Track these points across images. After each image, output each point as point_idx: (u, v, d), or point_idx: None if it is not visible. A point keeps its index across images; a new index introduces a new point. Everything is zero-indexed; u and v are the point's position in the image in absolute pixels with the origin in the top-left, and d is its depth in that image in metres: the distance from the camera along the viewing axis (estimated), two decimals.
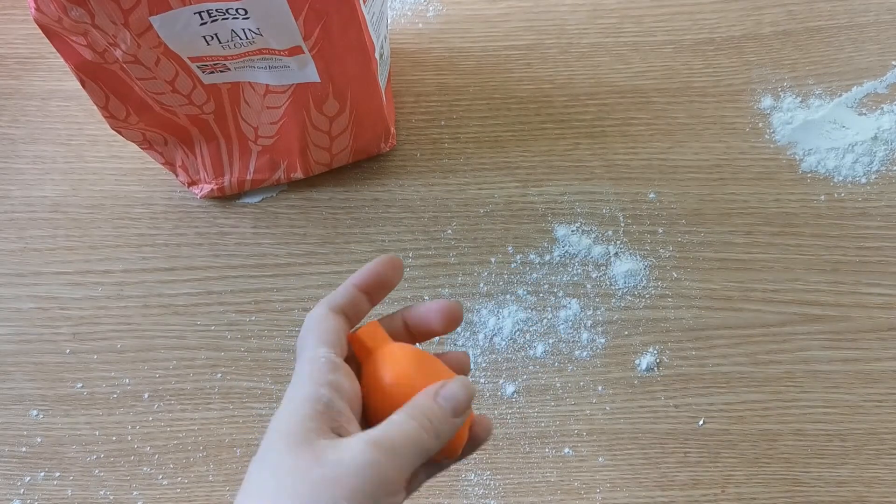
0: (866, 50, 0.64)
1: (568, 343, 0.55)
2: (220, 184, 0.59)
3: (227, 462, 0.53)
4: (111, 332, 0.57)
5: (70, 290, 0.58)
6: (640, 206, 0.59)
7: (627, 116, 0.62)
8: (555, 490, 0.52)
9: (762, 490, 0.51)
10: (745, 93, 0.63)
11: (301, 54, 0.49)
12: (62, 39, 0.47)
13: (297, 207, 0.60)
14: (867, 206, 0.59)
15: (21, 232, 0.60)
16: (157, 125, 0.54)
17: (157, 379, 0.56)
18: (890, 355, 0.54)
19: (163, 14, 0.45)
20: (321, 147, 0.58)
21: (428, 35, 0.66)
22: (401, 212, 0.60)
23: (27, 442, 0.54)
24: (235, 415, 0.55)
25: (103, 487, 0.53)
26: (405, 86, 0.64)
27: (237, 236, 0.60)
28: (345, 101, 0.54)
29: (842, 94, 0.62)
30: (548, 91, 0.64)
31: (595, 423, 0.53)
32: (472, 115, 0.63)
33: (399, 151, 0.62)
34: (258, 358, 0.56)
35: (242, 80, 0.52)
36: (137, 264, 0.59)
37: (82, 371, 0.56)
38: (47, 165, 0.63)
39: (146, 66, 0.49)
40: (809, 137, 0.61)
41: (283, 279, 0.58)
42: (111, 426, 0.55)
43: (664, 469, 0.52)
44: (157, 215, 0.61)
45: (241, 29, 0.46)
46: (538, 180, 0.60)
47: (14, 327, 0.58)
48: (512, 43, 0.65)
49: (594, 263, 0.58)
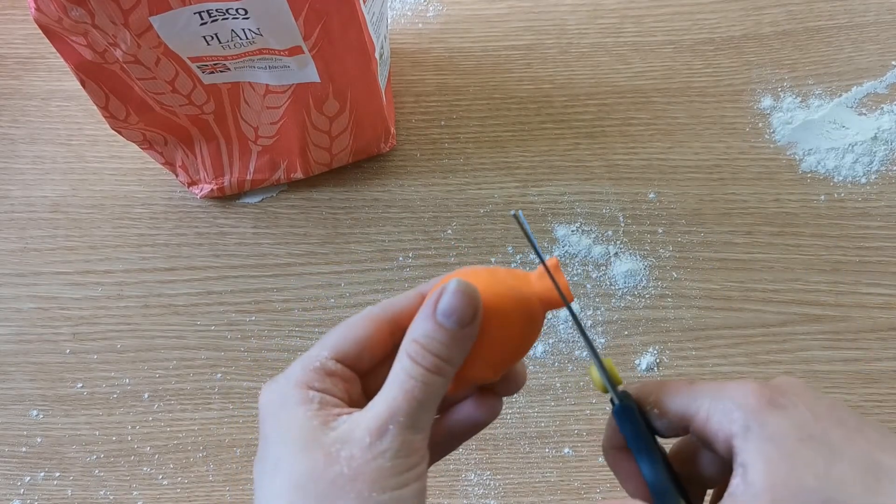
0: (866, 50, 0.64)
1: (568, 343, 0.55)
2: (220, 184, 0.59)
3: (227, 462, 0.53)
4: (111, 332, 0.57)
5: (70, 290, 0.58)
6: (640, 206, 0.59)
7: (627, 116, 0.62)
8: (555, 490, 0.52)
9: None
10: (745, 93, 0.63)
11: (301, 54, 0.49)
12: (62, 39, 0.47)
13: (297, 207, 0.61)
14: (867, 206, 0.59)
15: (21, 232, 0.60)
16: (157, 125, 0.54)
17: (157, 379, 0.56)
18: (890, 355, 0.54)
19: (163, 14, 0.45)
20: (321, 147, 0.58)
21: (428, 35, 0.66)
22: (401, 212, 0.60)
23: (27, 442, 0.54)
24: (235, 415, 0.55)
25: (103, 487, 0.53)
26: (405, 86, 0.64)
27: (237, 236, 0.60)
28: (345, 101, 0.54)
29: (842, 95, 0.62)
30: (548, 91, 0.64)
31: (595, 423, 0.53)
32: (472, 115, 0.63)
33: (399, 151, 0.62)
34: (258, 358, 0.56)
35: (242, 80, 0.52)
36: (137, 264, 0.59)
37: (82, 371, 0.56)
38: (47, 165, 0.63)
39: (146, 66, 0.49)
40: (809, 137, 0.61)
41: (283, 279, 0.58)
42: (111, 426, 0.55)
43: None
44: (157, 215, 0.61)
45: (241, 29, 0.46)
46: (538, 180, 0.60)
47: (14, 327, 0.58)
48: (512, 43, 0.65)
49: (594, 263, 0.58)
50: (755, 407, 0.29)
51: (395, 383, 0.29)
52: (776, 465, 0.28)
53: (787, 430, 0.29)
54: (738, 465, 0.29)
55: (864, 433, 0.29)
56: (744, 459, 0.29)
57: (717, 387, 0.31)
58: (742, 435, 0.29)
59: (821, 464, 0.28)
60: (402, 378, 0.29)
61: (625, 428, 0.32)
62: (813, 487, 0.27)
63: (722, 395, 0.30)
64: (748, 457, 0.29)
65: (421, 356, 0.29)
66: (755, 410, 0.29)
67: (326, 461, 0.28)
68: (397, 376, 0.29)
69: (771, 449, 0.28)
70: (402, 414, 0.28)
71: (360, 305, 0.57)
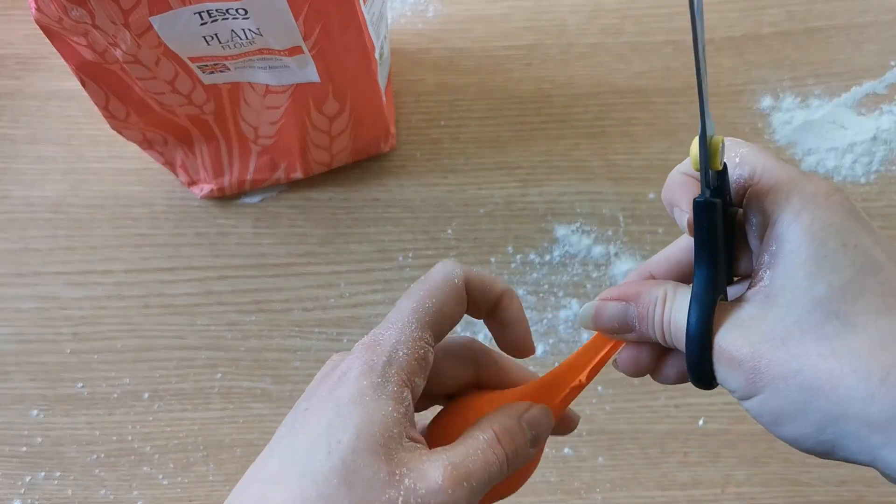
0: (865, 50, 0.64)
1: (568, 343, 0.55)
2: (220, 184, 0.59)
3: (227, 462, 0.53)
4: (111, 332, 0.57)
5: (70, 290, 0.58)
6: (640, 206, 0.59)
7: (627, 116, 0.62)
8: (555, 490, 0.52)
9: (762, 490, 0.51)
10: (744, 93, 0.63)
11: (301, 54, 0.49)
12: (62, 40, 0.47)
13: (297, 207, 0.61)
14: (867, 206, 0.58)
15: (21, 232, 0.60)
16: (158, 125, 0.54)
17: (157, 379, 0.56)
18: None
19: (163, 14, 0.45)
20: (321, 147, 0.58)
21: (428, 35, 0.66)
22: (401, 212, 0.60)
23: (27, 442, 0.54)
24: (235, 415, 0.55)
25: (103, 487, 0.53)
26: (405, 86, 0.64)
27: (237, 236, 0.60)
28: (345, 101, 0.54)
29: (841, 95, 0.62)
30: (548, 91, 0.64)
31: (595, 423, 0.53)
32: (472, 115, 0.63)
33: (399, 151, 0.62)
34: (258, 358, 0.56)
35: (242, 80, 0.52)
36: (137, 264, 0.59)
37: (82, 371, 0.56)
38: (47, 165, 0.63)
39: (146, 67, 0.49)
40: (809, 137, 0.61)
41: (283, 279, 0.58)
42: (111, 426, 0.55)
43: (664, 469, 0.52)
44: (157, 215, 0.61)
45: (241, 29, 0.47)
46: (538, 180, 0.60)
47: (14, 327, 0.58)
48: (512, 43, 0.65)
49: (594, 263, 0.58)
50: (823, 200, 0.29)
51: (478, 448, 0.29)
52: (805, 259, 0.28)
53: (838, 228, 0.28)
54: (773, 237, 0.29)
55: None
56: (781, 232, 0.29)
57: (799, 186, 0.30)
58: (790, 213, 0.29)
59: (848, 275, 0.28)
60: (485, 448, 0.29)
61: (699, 222, 0.30)
62: (825, 295, 0.27)
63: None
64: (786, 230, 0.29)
65: (506, 441, 0.30)
66: (821, 200, 0.29)
67: (387, 478, 0.27)
68: (480, 444, 0.29)
69: (809, 240, 0.28)
70: (474, 479, 0.28)
71: (361, 305, 0.57)
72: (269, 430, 0.41)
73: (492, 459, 0.29)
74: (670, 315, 0.31)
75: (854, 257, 0.28)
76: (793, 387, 0.27)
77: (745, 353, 0.28)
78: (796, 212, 0.29)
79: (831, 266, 0.28)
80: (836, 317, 0.27)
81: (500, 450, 0.29)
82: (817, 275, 0.28)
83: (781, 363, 0.27)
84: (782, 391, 0.27)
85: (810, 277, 0.28)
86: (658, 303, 0.31)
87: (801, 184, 0.29)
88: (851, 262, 0.28)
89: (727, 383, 0.29)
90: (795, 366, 0.27)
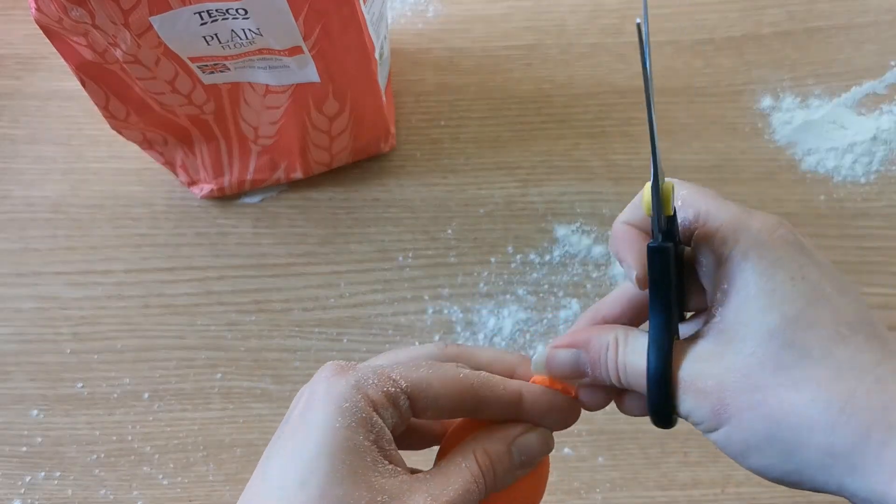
0: (865, 50, 0.64)
1: None
2: (220, 184, 0.59)
3: (227, 462, 0.53)
4: (111, 332, 0.57)
5: (70, 290, 0.58)
6: None
7: (627, 116, 0.62)
8: (555, 490, 0.52)
9: (762, 490, 0.51)
10: (744, 93, 0.63)
11: (301, 54, 0.49)
12: (62, 40, 0.47)
13: (297, 207, 0.61)
14: (867, 206, 0.59)
15: (21, 232, 0.60)
16: (158, 125, 0.55)
17: (157, 379, 0.56)
18: None
19: (163, 14, 0.45)
20: (321, 147, 0.58)
21: (428, 35, 0.66)
22: (401, 212, 0.60)
23: (27, 442, 0.54)
24: (235, 415, 0.55)
25: (103, 487, 0.53)
26: (405, 86, 0.64)
27: (237, 236, 0.60)
28: (345, 101, 0.54)
29: (841, 95, 0.62)
30: (548, 91, 0.64)
31: (595, 423, 0.53)
32: (472, 115, 0.63)
33: (399, 151, 0.62)
34: (258, 358, 0.56)
35: (242, 80, 0.52)
36: (137, 264, 0.59)
37: (82, 371, 0.56)
38: (47, 165, 0.63)
39: (146, 66, 0.49)
40: (809, 137, 0.61)
41: (283, 279, 0.58)
42: (111, 426, 0.55)
43: (664, 469, 0.52)
44: (157, 215, 0.61)
45: (241, 29, 0.47)
46: (538, 180, 0.60)
47: (14, 327, 0.58)
48: (512, 43, 0.65)
49: (594, 263, 0.58)
50: (767, 236, 0.30)
51: (459, 477, 0.29)
52: (760, 293, 0.29)
53: (785, 263, 0.29)
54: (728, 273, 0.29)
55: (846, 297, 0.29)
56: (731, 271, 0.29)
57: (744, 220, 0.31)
58: (741, 250, 0.29)
59: (799, 306, 0.28)
60: (467, 477, 0.29)
61: (654, 267, 0.30)
62: (779, 325, 0.28)
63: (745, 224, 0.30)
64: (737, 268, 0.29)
65: (487, 470, 0.30)
66: (765, 236, 0.30)
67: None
68: (462, 472, 0.30)
69: (759, 276, 0.29)
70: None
71: (360, 305, 0.57)
72: (269, 430, 0.41)
73: (472, 488, 0.29)
74: (624, 359, 0.31)
75: (803, 289, 0.28)
76: (757, 418, 0.28)
77: (711, 385, 0.29)
78: (744, 251, 0.29)
79: (781, 298, 0.28)
80: (791, 346, 0.28)
81: (480, 478, 0.30)
82: (769, 307, 0.28)
83: (745, 394, 0.28)
84: (747, 422, 0.28)
85: (763, 310, 0.28)
86: (610, 348, 0.31)
87: (746, 222, 0.30)
88: (801, 293, 0.28)
89: (693, 416, 0.30)
90: (758, 397, 0.28)
